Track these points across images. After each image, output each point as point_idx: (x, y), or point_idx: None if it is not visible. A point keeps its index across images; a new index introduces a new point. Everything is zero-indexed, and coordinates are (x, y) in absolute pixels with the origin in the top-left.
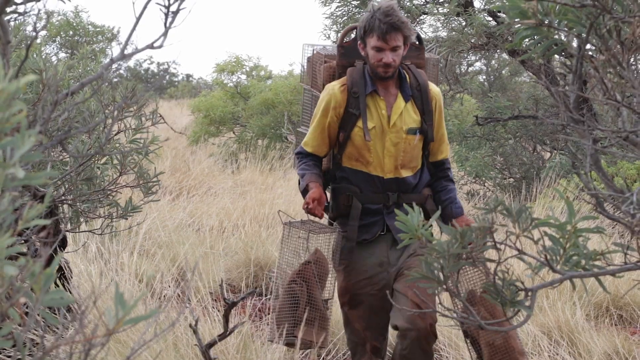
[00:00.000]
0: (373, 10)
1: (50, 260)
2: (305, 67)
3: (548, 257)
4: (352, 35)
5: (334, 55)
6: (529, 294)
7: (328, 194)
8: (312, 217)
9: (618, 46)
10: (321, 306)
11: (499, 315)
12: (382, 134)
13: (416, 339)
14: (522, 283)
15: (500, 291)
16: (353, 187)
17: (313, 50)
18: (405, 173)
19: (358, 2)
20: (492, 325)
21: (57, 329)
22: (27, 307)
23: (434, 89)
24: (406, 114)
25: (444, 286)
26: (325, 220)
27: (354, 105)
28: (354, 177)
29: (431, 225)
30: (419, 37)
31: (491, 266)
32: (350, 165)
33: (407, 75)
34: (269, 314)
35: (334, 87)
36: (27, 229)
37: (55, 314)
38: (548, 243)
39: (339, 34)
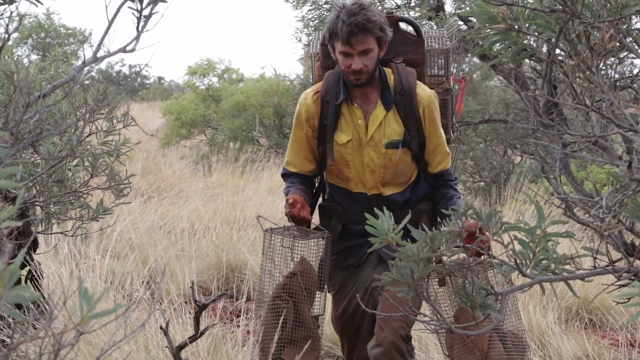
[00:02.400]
0: (339, 9)
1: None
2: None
3: (518, 261)
4: None
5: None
6: (499, 297)
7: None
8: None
9: (587, 51)
10: (310, 324)
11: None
12: (359, 148)
13: (380, 355)
14: (492, 287)
15: (470, 295)
16: (335, 205)
17: (313, 41)
18: (390, 191)
19: (330, 5)
20: (460, 329)
21: (26, 327)
22: None
23: (423, 92)
24: (387, 124)
25: (415, 290)
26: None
27: (328, 115)
28: (337, 195)
29: (402, 230)
30: (416, 29)
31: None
32: (333, 182)
33: (390, 78)
34: (239, 316)
35: (307, 96)
36: None
37: (26, 315)
38: (518, 247)
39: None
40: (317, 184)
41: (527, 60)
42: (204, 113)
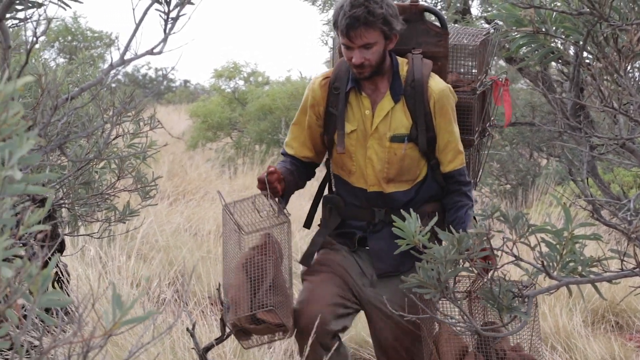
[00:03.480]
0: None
1: (47, 262)
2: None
3: (545, 263)
4: None
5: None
6: (526, 300)
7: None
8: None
9: (615, 54)
10: (285, 288)
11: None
12: (364, 139)
13: None
14: (519, 289)
15: (497, 297)
16: (337, 198)
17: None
18: (393, 188)
19: None
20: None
21: (55, 331)
22: (25, 310)
23: (436, 85)
24: (394, 117)
25: (442, 292)
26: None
27: (334, 103)
28: (340, 188)
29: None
30: (441, 21)
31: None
32: (338, 173)
33: (403, 69)
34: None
35: (315, 82)
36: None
37: (54, 317)
38: (545, 249)
39: None
40: (324, 175)
41: (553, 63)
42: (230, 116)
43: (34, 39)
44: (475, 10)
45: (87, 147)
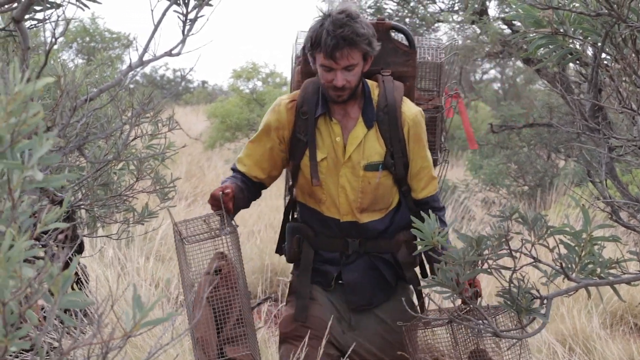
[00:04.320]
0: (323, 17)
1: (68, 263)
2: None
3: (563, 265)
4: None
5: (298, 57)
6: (544, 301)
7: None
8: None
9: (633, 55)
10: (250, 318)
11: None
12: (335, 168)
13: None
14: (538, 291)
15: (516, 299)
16: (306, 228)
17: (295, 43)
18: (367, 218)
19: (373, 10)
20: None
21: (74, 332)
22: (44, 311)
23: (409, 110)
24: (367, 144)
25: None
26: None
27: (303, 129)
28: (308, 217)
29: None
30: (409, 39)
31: (506, 274)
32: (304, 201)
33: (374, 92)
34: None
35: (281, 104)
36: (45, 233)
37: (72, 318)
38: (563, 251)
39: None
40: (287, 201)
41: (571, 64)
42: (248, 117)
43: (53, 39)
44: (492, 11)
45: (106, 148)
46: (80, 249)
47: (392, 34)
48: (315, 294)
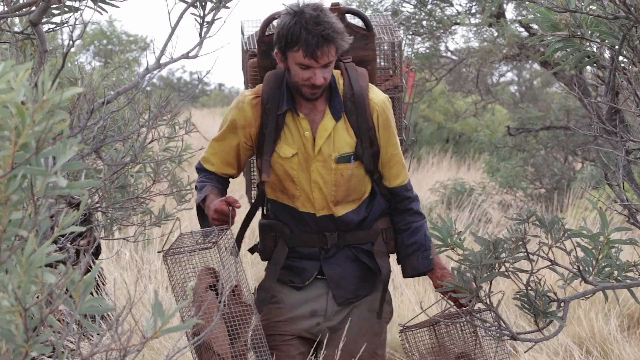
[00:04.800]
0: (295, 13)
1: (88, 269)
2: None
3: (581, 268)
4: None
5: (250, 50)
6: (562, 304)
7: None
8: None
9: None
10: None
11: None
12: (306, 162)
13: None
14: (555, 294)
15: (533, 302)
16: (281, 225)
17: (246, 36)
18: (343, 210)
19: (390, 12)
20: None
21: (92, 336)
22: (62, 315)
23: (377, 97)
24: (337, 136)
25: (477, 296)
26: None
27: (270, 125)
28: (281, 214)
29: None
30: (366, 22)
31: (523, 277)
32: (276, 198)
33: (339, 82)
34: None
35: (244, 100)
36: (62, 236)
37: (90, 321)
38: (580, 254)
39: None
40: (252, 198)
41: (588, 67)
42: None
43: (70, 42)
44: (509, 14)
45: (123, 151)
46: (97, 252)
47: (348, 18)
48: (280, 296)
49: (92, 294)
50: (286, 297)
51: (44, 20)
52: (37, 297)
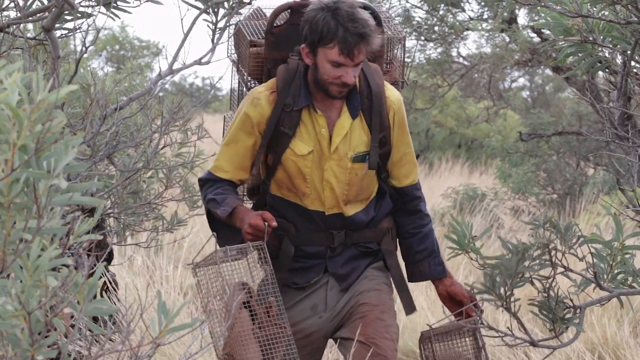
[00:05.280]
0: (328, 8)
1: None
2: (233, 48)
3: (596, 274)
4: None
5: (251, 39)
6: (577, 311)
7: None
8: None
9: None
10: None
11: None
12: (320, 160)
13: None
14: (571, 300)
15: (552, 308)
16: (286, 223)
17: (239, 21)
18: (352, 209)
19: (402, 18)
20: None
21: (102, 340)
22: (73, 319)
23: (392, 95)
24: (353, 135)
25: (504, 303)
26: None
27: (286, 121)
28: (287, 211)
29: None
30: (376, 16)
31: (538, 283)
32: (282, 195)
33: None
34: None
35: (259, 96)
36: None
37: (101, 326)
38: (592, 260)
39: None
40: (257, 195)
41: (600, 72)
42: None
43: (83, 48)
44: (521, 19)
45: (135, 157)
46: (109, 257)
47: None
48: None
49: (103, 298)
50: (287, 299)
51: (56, 26)
52: (41, 301)
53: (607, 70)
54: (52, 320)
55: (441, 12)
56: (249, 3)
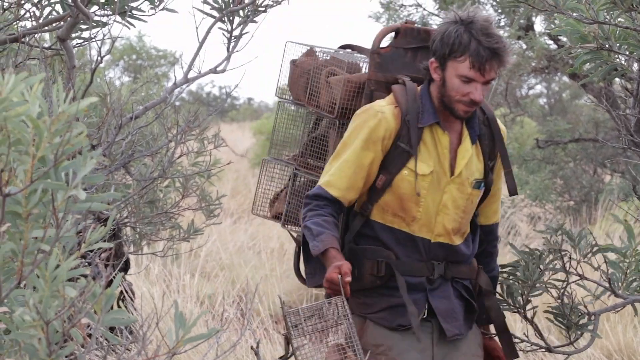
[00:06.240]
0: (462, 22)
1: (112, 281)
2: (289, 72)
3: (611, 281)
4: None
5: (343, 63)
6: (592, 318)
7: None
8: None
9: None
10: None
11: None
12: (439, 183)
13: None
14: (586, 307)
15: (568, 315)
16: (387, 251)
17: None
18: (458, 240)
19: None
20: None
21: (119, 349)
22: (90, 329)
23: (501, 124)
24: (471, 159)
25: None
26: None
27: (407, 138)
28: (387, 238)
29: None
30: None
31: (552, 290)
32: (383, 221)
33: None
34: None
35: (384, 110)
36: (91, 251)
37: (118, 336)
38: (606, 268)
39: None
40: (350, 219)
41: (617, 79)
42: (294, 133)
43: (99, 58)
44: (538, 26)
45: (152, 166)
46: (126, 267)
47: None
48: (388, 343)
49: (119, 307)
50: (394, 344)
51: (72, 35)
52: (59, 311)
53: (623, 77)
54: (69, 331)
55: None
56: (264, 11)
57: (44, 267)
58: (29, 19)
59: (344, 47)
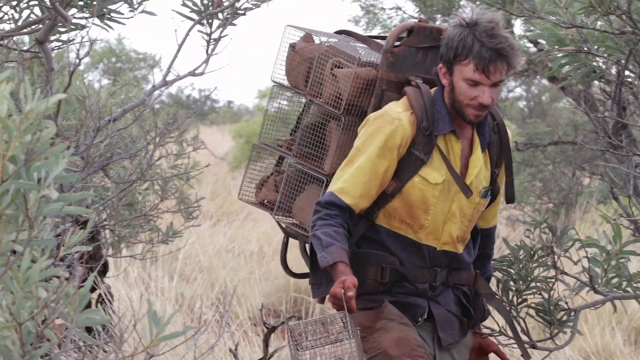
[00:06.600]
0: (467, 24)
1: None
2: (287, 57)
3: (592, 277)
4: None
5: (353, 58)
6: (572, 314)
7: None
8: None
9: None
10: None
11: None
12: (449, 191)
13: None
14: (566, 303)
15: (551, 311)
16: (392, 257)
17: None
18: (462, 247)
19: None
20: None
21: (95, 350)
22: (67, 330)
23: (508, 130)
24: (481, 169)
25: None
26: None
27: (421, 145)
28: (392, 243)
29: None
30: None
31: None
32: (389, 226)
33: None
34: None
35: (400, 116)
36: (70, 254)
37: (96, 338)
38: (587, 264)
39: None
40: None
41: (595, 82)
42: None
43: (77, 60)
44: (517, 29)
45: (130, 169)
46: (104, 269)
47: None
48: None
49: (97, 309)
50: (406, 321)
51: (50, 38)
52: (32, 312)
53: (601, 79)
54: (43, 332)
55: (437, 23)
56: (244, 14)
57: (16, 268)
58: (7, 22)
59: (339, 32)
